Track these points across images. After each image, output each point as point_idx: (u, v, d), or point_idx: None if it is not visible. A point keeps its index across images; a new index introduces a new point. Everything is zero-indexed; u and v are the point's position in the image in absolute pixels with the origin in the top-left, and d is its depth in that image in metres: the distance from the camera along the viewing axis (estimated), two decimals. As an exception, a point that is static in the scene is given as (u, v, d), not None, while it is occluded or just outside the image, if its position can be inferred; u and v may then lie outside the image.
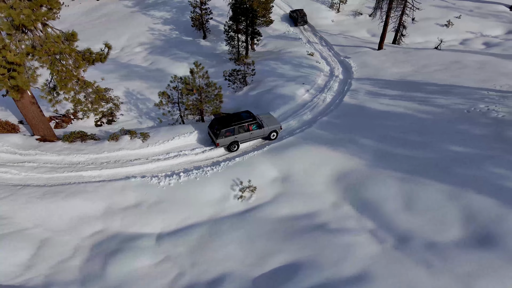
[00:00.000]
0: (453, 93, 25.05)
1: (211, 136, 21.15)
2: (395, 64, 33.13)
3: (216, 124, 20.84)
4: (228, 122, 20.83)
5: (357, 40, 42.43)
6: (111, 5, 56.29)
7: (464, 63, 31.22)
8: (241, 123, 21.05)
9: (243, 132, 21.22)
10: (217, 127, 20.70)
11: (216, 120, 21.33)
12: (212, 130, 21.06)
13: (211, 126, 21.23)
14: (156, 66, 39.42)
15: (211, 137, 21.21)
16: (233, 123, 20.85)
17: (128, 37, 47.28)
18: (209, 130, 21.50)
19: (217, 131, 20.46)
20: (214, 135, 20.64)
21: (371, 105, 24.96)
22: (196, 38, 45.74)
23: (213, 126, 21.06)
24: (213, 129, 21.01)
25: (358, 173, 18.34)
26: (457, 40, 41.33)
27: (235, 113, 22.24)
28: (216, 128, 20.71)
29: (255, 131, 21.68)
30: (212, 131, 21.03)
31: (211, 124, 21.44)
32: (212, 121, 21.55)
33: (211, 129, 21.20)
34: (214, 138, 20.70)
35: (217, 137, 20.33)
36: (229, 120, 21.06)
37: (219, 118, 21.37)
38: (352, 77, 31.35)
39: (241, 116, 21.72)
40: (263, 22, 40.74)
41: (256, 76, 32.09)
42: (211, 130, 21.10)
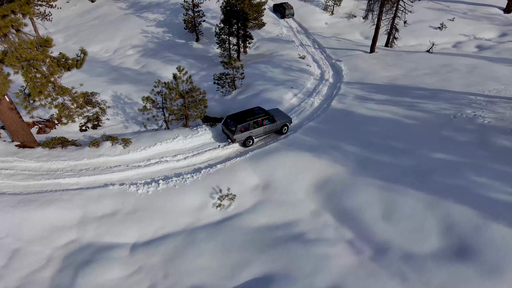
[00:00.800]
0: (440, 98, 24.70)
1: (226, 133, 21.71)
2: (385, 68, 32.78)
3: (232, 121, 21.31)
4: (243, 118, 21.35)
5: (350, 43, 42.09)
6: (105, 7, 56.03)
7: (453, 67, 30.86)
8: (256, 118, 21.61)
9: (258, 127, 21.82)
10: (232, 123, 21.17)
11: (231, 117, 21.73)
12: (227, 127, 21.56)
13: (226, 124, 21.74)
14: (147, 69, 39.13)
15: (226, 134, 21.75)
16: (248, 119, 21.36)
17: (121, 40, 46.99)
18: (223, 127, 22.06)
19: (233, 127, 20.95)
20: (230, 131, 21.09)
21: (358, 110, 24.61)
22: (189, 41, 45.44)
23: (228, 123, 21.52)
24: (228, 126, 21.49)
25: (340, 181, 18.01)
26: (450, 43, 40.94)
27: (248, 110, 22.66)
28: (231, 125, 21.20)
29: (268, 126, 22.29)
30: (227, 128, 21.53)
31: (225, 121, 21.90)
32: (226, 118, 21.95)
33: (226, 126, 21.72)
34: (230, 135, 21.13)
35: (234, 133, 20.85)
36: (244, 116, 21.58)
37: (233, 115, 21.84)
38: (342, 80, 31.01)
39: (254, 112, 22.25)
40: (255, 25, 40.39)
41: (246, 80, 31.77)
42: (226, 127, 21.63)
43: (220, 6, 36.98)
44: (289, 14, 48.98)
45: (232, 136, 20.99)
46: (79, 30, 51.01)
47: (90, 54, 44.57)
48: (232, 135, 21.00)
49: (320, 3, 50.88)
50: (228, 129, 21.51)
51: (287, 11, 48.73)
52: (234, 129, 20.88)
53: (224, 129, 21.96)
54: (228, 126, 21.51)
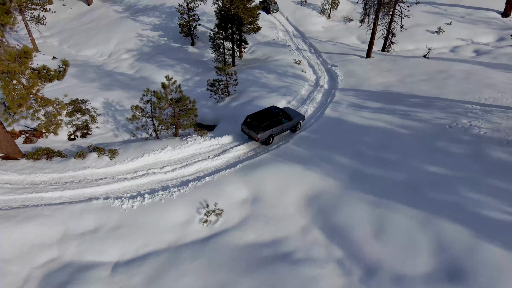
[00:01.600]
0: (435, 106, 24.06)
1: (247, 132, 22.33)
2: (381, 74, 32.14)
3: (254, 120, 21.84)
4: (265, 118, 21.90)
5: (346, 47, 41.45)
6: (101, 10, 55.41)
7: (449, 73, 30.23)
8: (276, 117, 22.23)
9: (277, 126, 22.41)
10: (255, 123, 21.67)
11: (252, 117, 22.21)
12: (249, 127, 22.04)
13: (247, 124, 22.18)
14: (141, 73, 38.52)
15: (247, 134, 22.37)
16: (269, 118, 21.93)
17: (116, 43, 46.39)
18: (243, 127, 22.55)
19: (256, 127, 21.48)
20: (254, 131, 21.61)
21: (351, 119, 23.97)
22: (184, 45, 44.81)
23: (250, 123, 22.03)
24: (250, 126, 21.96)
25: (331, 195, 17.38)
26: (447, 47, 40.29)
27: (266, 109, 23.23)
28: (254, 124, 21.69)
29: (286, 124, 22.96)
30: (249, 128, 22.01)
31: (246, 122, 22.30)
32: (246, 118, 22.39)
33: (247, 126, 22.18)
34: (254, 134, 21.67)
35: (258, 132, 21.36)
36: (265, 116, 22.10)
37: (254, 115, 22.31)
38: (336, 87, 30.38)
39: (273, 111, 22.86)
40: (251, 29, 39.76)
41: (239, 86, 31.14)
42: (248, 127, 22.10)
43: (215, 11, 36.34)
44: (273, 9, 49.90)
45: (256, 135, 21.47)
46: (74, 34, 50.44)
47: (85, 58, 44.16)
48: (256, 134, 21.44)
49: (317, 6, 50.25)
50: (250, 128, 21.89)
51: (271, 6, 49.47)
52: (258, 128, 21.36)
53: (245, 129, 22.38)
54: (251, 126, 21.87)
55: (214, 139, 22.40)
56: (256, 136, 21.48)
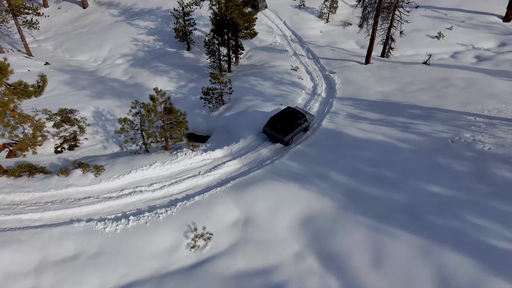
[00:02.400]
0: (436, 118, 22.97)
1: (270, 134, 22.33)
2: (379, 81, 31.04)
3: (279, 123, 21.99)
4: (288, 120, 22.13)
5: (344, 52, 40.30)
6: (97, 13, 54.27)
7: (450, 81, 29.16)
8: (297, 118, 22.45)
9: (298, 127, 22.72)
10: (281, 126, 21.84)
11: (275, 119, 22.38)
12: (274, 129, 22.10)
13: (271, 125, 22.27)
14: (135, 80, 37.40)
15: (270, 135, 22.47)
16: (291, 120, 22.19)
17: (110, 48, 45.26)
18: (267, 129, 22.50)
19: (283, 130, 21.70)
20: (280, 133, 21.76)
21: (349, 131, 22.87)
22: (180, 50, 43.67)
23: (274, 125, 22.12)
24: (275, 128, 22.06)
25: (326, 217, 16.29)
26: (448, 53, 39.14)
27: (284, 111, 23.31)
28: (280, 127, 21.84)
29: (303, 124, 23.27)
30: (274, 130, 22.07)
31: (269, 123, 22.41)
32: (270, 120, 22.54)
33: (271, 129, 22.21)
34: (280, 136, 21.79)
35: (285, 135, 21.65)
36: (287, 118, 22.33)
37: (278, 118, 22.44)
38: (334, 96, 29.26)
39: (292, 112, 23.03)
40: (247, 34, 38.62)
41: (234, 94, 30.03)
42: (273, 130, 22.14)
43: (209, 16, 35.19)
44: (262, 6, 48.61)
45: (282, 138, 21.65)
46: (69, 38, 49.32)
47: (78, 63, 43.03)
48: (282, 137, 21.62)
49: (315, 10, 49.11)
50: (276, 131, 21.94)
51: (260, 4, 48.27)
52: (285, 131, 21.60)
53: (269, 131, 22.32)
54: (275, 129, 21.97)
55: (206, 153, 21.30)
56: (283, 139, 21.65)
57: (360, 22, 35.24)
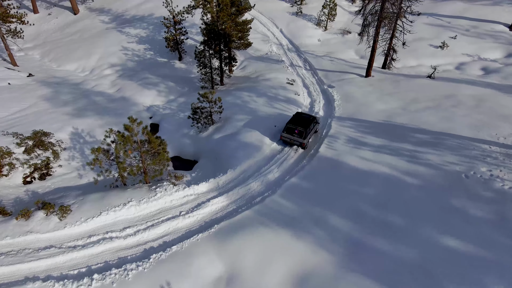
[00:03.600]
0: (446, 146, 20.27)
1: (290, 139, 22.24)
2: (382, 98, 28.33)
3: (297, 127, 21.99)
4: (304, 123, 22.26)
5: (344, 63, 37.55)
6: (87, 20, 51.50)
7: (458, 99, 26.49)
8: (310, 122, 22.54)
9: (312, 129, 22.95)
10: (299, 130, 21.89)
11: (292, 123, 22.30)
12: (292, 134, 22.04)
13: (289, 131, 22.16)
14: (122, 93, 34.67)
15: (290, 141, 22.44)
16: (307, 123, 22.30)
17: (99, 57, 42.51)
18: (285, 136, 22.35)
19: (301, 134, 21.77)
20: (300, 137, 21.82)
21: (350, 161, 20.17)
22: (171, 60, 40.94)
23: (292, 130, 22.06)
24: (293, 133, 22.02)
25: (323, 277, 13.60)
26: (453, 64, 36.39)
27: (297, 117, 23.22)
28: (299, 131, 21.87)
29: (315, 126, 23.77)
30: (293, 134, 22.02)
31: (287, 129, 22.25)
32: (287, 125, 22.38)
33: (290, 134, 22.11)
34: (300, 140, 21.83)
35: (305, 138, 21.78)
36: (303, 122, 22.44)
37: (294, 122, 22.42)
38: (333, 114, 26.55)
39: (306, 116, 23.18)
40: (241, 45, 35.87)
41: (226, 111, 27.33)
42: (292, 134, 22.06)
43: (200, 26, 32.43)
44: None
45: (302, 141, 21.75)
46: (57, 46, 46.59)
47: (64, 74, 40.29)
48: (303, 140, 21.71)
49: (313, 17, 46.32)
50: (295, 135, 21.94)
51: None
52: (304, 134, 21.65)
53: (287, 137, 22.24)
54: (294, 133, 21.98)
55: (189, 188, 18.61)
56: (303, 142, 21.71)
57: (361, 31, 32.50)
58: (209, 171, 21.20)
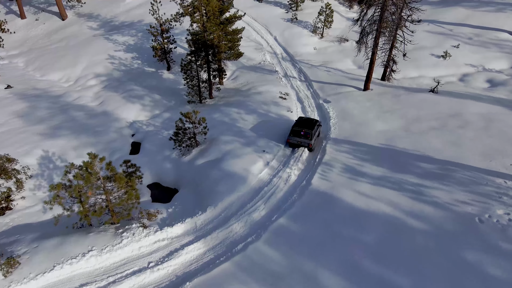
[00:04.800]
0: (455, 179, 17.53)
1: (297, 142, 21.93)
2: (381, 115, 25.58)
3: (300, 130, 21.82)
4: (308, 126, 22.15)
5: (340, 74, 34.76)
6: (75, 26, 48.64)
7: (464, 118, 23.81)
8: (315, 123, 22.53)
9: (317, 131, 22.84)
10: (303, 132, 21.70)
11: (298, 126, 22.15)
12: (299, 136, 21.79)
13: (295, 133, 21.87)
14: (104, 107, 31.88)
15: (297, 144, 22.11)
16: (311, 125, 22.22)
17: (84, 66, 39.68)
18: (292, 139, 22.00)
19: (306, 134, 21.59)
20: (306, 138, 21.63)
21: (345, 196, 17.42)
22: (160, 70, 38.10)
23: (298, 132, 21.83)
24: (299, 135, 21.77)
25: None
26: (456, 75, 33.60)
27: (301, 119, 23.13)
28: (305, 133, 21.67)
29: (319, 128, 23.63)
30: (299, 137, 21.77)
31: (293, 132, 21.97)
32: (293, 129, 22.14)
33: (296, 135, 21.86)
34: (307, 141, 21.60)
35: (311, 138, 21.58)
36: (306, 124, 22.33)
37: (299, 125, 22.27)
38: (328, 135, 23.78)
39: (309, 119, 23.17)
40: (231, 55, 33.03)
41: (212, 130, 24.58)
42: (298, 136, 21.79)
43: (186, 37, 29.58)
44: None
45: (309, 141, 21.51)
46: (43, 53, 43.80)
47: (47, 84, 37.45)
48: (309, 141, 21.49)
49: (309, 24, 43.44)
50: (302, 137, 21.72)
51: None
52: (310, 135, 21.44)
53: (294, 140, 21.93)
54: (300, 135, 21.75)
55: (161, 232, 15.86)
56: (310, 143, 21.41)
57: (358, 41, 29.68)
58: (188, 205, 18.48)
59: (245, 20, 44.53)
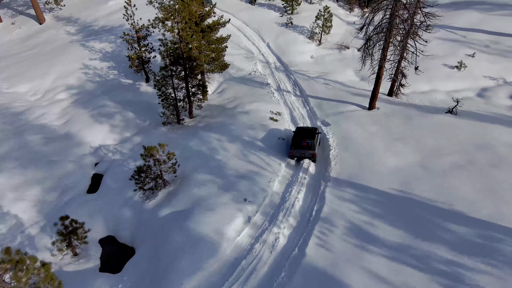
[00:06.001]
0: (503, 255, 12.07)
1: (300, 154, 19.97)
2: (391, 144, 20.24)
3: (301, 141, 19.86)
4: (308, 136, 20.22)
5: (341, 88, 29.28)
6: (52, 30, 43.09)
7: (495, 151, 18.64)
8: (314, 132, 20.63)
9: (317, 140, 20.93)
10: (304, 143, 19.79)
11: (299, 137, 20.18)
12: (301, 148, 19.85)
13: (296, 145, 19.94)
14: (68, 127, 26.52)
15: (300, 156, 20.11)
16: (311, 134, 20.33)
17: (56, 77, 34.24)
18: (294, 151, 19.96)
19: (308, 145, 19.74)
20: (310, 148, 19.76)
21: (352, 280, 12.02)
22: (137, 81, 32.64)
23: (299, 144, 19.89)
24: (300, 146, 19.86)
25: None
26: (473, 89, 28.09)
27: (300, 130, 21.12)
28: (305, 144, 19.77)
29: (319, 136, 21.72)
30: (301, 148, 19.84)
31: (294, 144, 19.99)
32: (293, 143, 20.06)
33: (297, 147, 19.90)
34: (311, 151, 19.74)
35: (314, 148, 19.80)
36: (307, 135, 20.33)
37: (300, 135, 20.33)
38: (328, 175, 18.46)
39: (308, 128, 21.33)
40: (215, 67, 27.52)
41: (186, 165, 19.32)
42: (300, 148, 19.85)
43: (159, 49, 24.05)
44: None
45: (313, 151, 19.75)
46: (14, 62, 38.37)
47: (11, 98, 32.03)
48: (313, 151, 19.77)
49: (305, 29, 37.83)
50: (303, 149, 19.88)
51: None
52: (313, 145, 19.72)
53: (297, 153, 20.00)
54: (301, 147, 19.87)
55: None
56: (314, 153, 19.79)
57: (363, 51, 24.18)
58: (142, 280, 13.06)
59: (235, 25, 39.02)
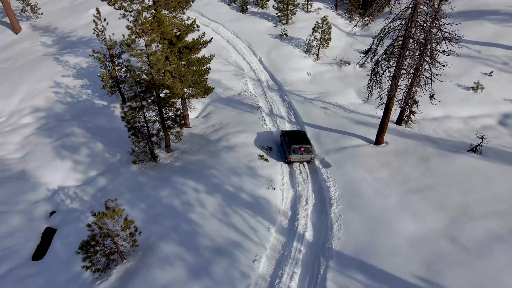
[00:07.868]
0: None
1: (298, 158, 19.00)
2: (408, 199, 15.67)
3: (301, 145, 18.91)
4: (304, 140, 19.63)
5: (343, 114, 24.63)
6: (27, 41, 38.15)
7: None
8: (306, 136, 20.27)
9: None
10: (302, 147, 18.91)
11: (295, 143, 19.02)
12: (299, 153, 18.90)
13: (295, 151, 18.82)
14: (25, 164, 21.84)
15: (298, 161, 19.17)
16: (305, 138, 19.94)
17: (22, 97, 29.51)
18: (293, 157, 18.92)
19: (307, 149, 19.06)
20: (308, 152, 19.05)
21: None
22: (113, 103, 27.91)
23: (298, 149, 18.83)
24: (299, 152, 18.87)
25: None
26: (494, 115, 23.55)
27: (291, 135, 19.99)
28: (304, 149, 18.93)
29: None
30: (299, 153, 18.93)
31: (293, 150, 18.79)
32: (292, 147, 18.76)
33: (295, 152, 18.88)
34: (309, 155, 19.04)
35: (312, 152, 19.26)
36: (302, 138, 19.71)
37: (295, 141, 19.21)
38: (329, 246, 13.74)
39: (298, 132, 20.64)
40: (198, 92, 22.75)
41: (151, 228, 14.68)
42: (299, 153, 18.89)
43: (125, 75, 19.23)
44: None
45: (311, 155, 19.11)
46: (-19, 77, 33.23)
47: (-31, 123, 27.21)
48: (311, 155, 19.10)
49: (301, 42, 33.04)
50: (304, 153, 18.96)
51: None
52: (310, 149, 19.10)
53: (296, 157, 18.91)
54: (300, 152, 18.88)
55: None
56: (312, 156, 19.04)
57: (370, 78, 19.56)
58: None
59: (224, 36, 34.23)
